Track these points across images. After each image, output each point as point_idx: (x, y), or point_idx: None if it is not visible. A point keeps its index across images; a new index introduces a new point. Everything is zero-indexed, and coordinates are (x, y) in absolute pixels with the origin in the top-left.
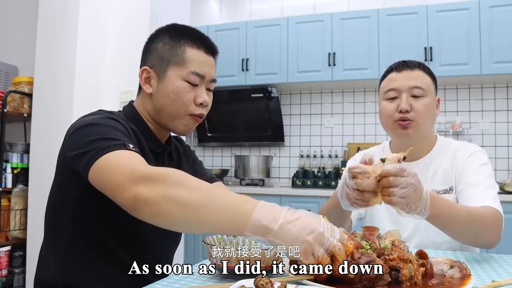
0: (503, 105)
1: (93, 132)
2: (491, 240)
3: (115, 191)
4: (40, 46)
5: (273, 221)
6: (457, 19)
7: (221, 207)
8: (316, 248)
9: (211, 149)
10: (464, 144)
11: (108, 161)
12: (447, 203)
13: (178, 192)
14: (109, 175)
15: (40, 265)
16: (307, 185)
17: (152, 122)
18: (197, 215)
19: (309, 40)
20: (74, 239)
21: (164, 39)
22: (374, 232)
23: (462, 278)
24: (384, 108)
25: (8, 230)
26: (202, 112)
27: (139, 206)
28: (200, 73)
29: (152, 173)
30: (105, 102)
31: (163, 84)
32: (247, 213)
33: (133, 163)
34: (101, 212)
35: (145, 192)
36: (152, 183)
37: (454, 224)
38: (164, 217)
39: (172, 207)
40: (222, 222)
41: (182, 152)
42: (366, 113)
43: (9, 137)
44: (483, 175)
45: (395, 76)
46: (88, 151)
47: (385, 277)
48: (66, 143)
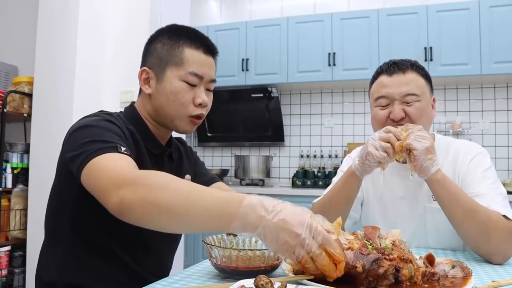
0: (503, 105)
1: (87, 134)
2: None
3: (102, 195)
4: (40, 46)
5: (257, 221)
6: (457, 19)
7: (205, 209)
8: (297, 250)
9: (211, 149)
10: (464, 145)
11: (97, 165)
12: (455, 184)
13: (161, 195)
14: (96, 179)
15: (41, 265)
16: (307, 185)
17: (153, 122)
18: (181, 218)
19: (309, 40)
20: (73, 239)
21: (163, 39)
22: (375, 232)
23: (465, 277)
24: (376, 115)
25: (8, 230)
26: (201, 113)
27: (125, 211)
28: (198, 74)
29: (136, 176)
30: (105, 102)
31: (161, 84)
32: (231, 214)
33: (120, 167)
34: (98, 212)
35: (129, 197)
36: (136, 187)
37: (458, 203)
38: (149, 220)
39: (155, 210)
40: (206, 224)
41: (184, 153)
42: (366, 113)
43: (9, 137)
44: (487, 182)
45: (386, 80)
46: (81, 153)
47: (390, 277)
48: (64, 145)
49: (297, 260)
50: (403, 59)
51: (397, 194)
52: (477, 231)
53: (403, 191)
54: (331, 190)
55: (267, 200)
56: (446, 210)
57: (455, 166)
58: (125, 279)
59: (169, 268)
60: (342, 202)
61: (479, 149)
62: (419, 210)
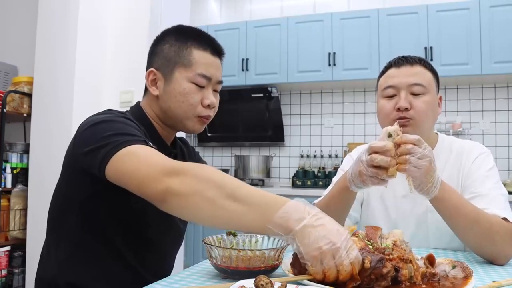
0: (504, 105)
1: (109, 128)
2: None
3: (142, 183)
4: (40, 46)
5: (297, 221)
6: (457, 19)
7: (249, 204)
8: (326, 259)
9: (211, 149)
10: (467, 144)
11: (132, 154)
12: (456, 192)
13: (208, 187)
14: (135, 167)
15: (42, 264)
16: (307, 185)
17: (159, 123)
18: (225, 211)
19: (309, 40)
20: (81, 237)
21: (170, 41)
22: (377, 232)
23: (465, 277)
24: (382, 107)
25: (8, 230)
26: (209, 114)
27: (169, 198)
28: (206, 75)
29: (184, 166)
30: (105, 102)
31: (170, 86)
32: (274, 209)
33: (161, 156)
34: (110, 209)
35: (177, 185)
36: (184, 177)
37: (458, 217)
38: (192, 210)
39: (201, 201)
40: (248, 220)
41: (187, 153)
42: (366, 113)
43: (8, 137)
44: (490, 182)
45: (394, 72)
46: (105, 145)
47: (388, 279)
48: (78, 140)
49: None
50: (411, 55)
51: (398, 193)
52: (480, 239)
53: (404, 190)
54: (328, 195)
55: (310, 206)
56: (448, 223)
57: (459, 165)
58: (126, 278)
59: (170, 268)
60: (338, 208)
61: (482, 148)
62: (420, 209)
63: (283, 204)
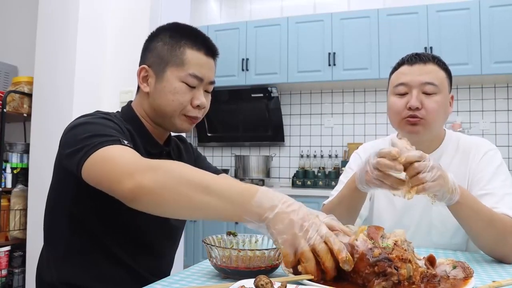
0: (504, 105)
1: (86, 130)
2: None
3: (113, 183)
4: (40, 46)
5: (270, 209)
6: (457, 19)
7: (222, 195)
8: (302, 243)
9: (211, 149)
10: (475, 141)
11: (102, 155)
12: (470, 195)
13: (181, 182)
14: (106, 168)
15: (41, 265)
16: (307, 185)
17: (150, 121)
18: (199, 204)
19: (309, 40)
20: (72, 238)
21: (164, 38)
22: (379, 232)
23: (466, 277)
24: (393, 104)
25: (8, 230)
26: (197, 115)
27: (140, 196)
28: (198, 76)
29: (154, 163)
30: (105, 102)
31: (161, 84)
32: (247, 200)
33: (129, 155)
34: (96, 211)
35: (148, 182)
36: (155, 173)
37: (475, 220)
38: (166, 206)
39: (175, 196)
40: (223, 210)
41: (184, 150)
42: (366, 113)
43: (8, 137)
44: (498, 180)
45: (407, 69)
46: (82, 147)
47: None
48: (61, 143)
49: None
50: (424, 52)
51: None
52: (494, 240)
53: None
54: (338, 195)
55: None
56: (465, 225)
57: (466, 161)
58: (125, 279)
59: (169, 268)
60: (350, 208)
61: (490, 145)
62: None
63: (256, 192)
